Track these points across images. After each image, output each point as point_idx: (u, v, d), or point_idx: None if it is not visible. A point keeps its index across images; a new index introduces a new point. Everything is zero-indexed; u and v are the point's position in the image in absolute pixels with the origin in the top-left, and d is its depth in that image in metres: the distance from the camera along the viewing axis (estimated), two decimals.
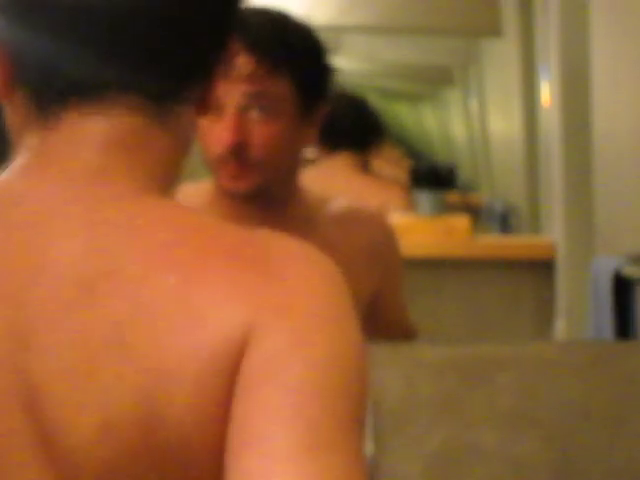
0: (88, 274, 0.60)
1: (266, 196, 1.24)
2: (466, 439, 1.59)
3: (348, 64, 3.62)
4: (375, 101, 3.39)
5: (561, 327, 2.18)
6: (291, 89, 1.21)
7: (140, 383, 0.57)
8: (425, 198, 2.37)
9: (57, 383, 0.58)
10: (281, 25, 1.23)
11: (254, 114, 1.19)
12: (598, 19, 2.00)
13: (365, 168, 2.51)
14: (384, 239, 1.36)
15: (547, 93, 2.48)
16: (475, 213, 2.74)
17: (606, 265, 1.77)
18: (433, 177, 2.44)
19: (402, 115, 4.28)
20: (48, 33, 0.64)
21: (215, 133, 1.19)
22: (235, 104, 1.19)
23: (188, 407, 0.57)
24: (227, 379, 0.57)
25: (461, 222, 2.36)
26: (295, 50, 1.22)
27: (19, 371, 0.59)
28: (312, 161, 2.31)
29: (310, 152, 2.07)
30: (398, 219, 2.31)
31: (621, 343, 1.74)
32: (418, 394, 1.60)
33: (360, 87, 3.46)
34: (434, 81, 4.08)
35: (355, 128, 2.46)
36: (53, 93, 0.65)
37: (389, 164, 3.27)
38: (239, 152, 1.19)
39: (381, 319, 1.36)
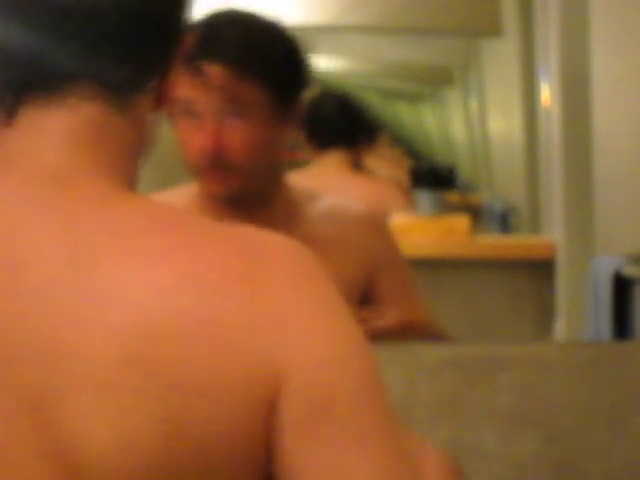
0: (75, 287, 0.57)
1: (249, 197, 1.26)
2: (466, 439, 1.59)
3: (348, 64, 3.62)
4: (375, 101, 3.39)
5: (561, 327, 2.18)
6: (264, 93, 1.23)
7: (166, 398, 0.56)
8: (425, 198, 2.37)
9: (69, 398, 0.56)
10: (250, 32, 1.25)
11: (230, 121, 1.22)
12: (598, 19, 2.00)
13: (357, 166, 2.50)
14: (371, 232, 1.37)
15: (547, 93, 2.48)
16: (475, 213, 2.74)
17: (606, 265, 1.77)
18: (433, 177, 2.44)
19: (402, 115, 4.27)
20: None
21: (195, 141, 1.22)
22: (211, 113, 1.21)
23: (218, 424, 0.56)
24: (264, 404, 0.57)
25: (461, 222, 2.36)
26: (265, 55, 1.24)
27: (25, 387, 0.57)
28: (304, 163, 2.31)
29: (301, 154, 2.08)
30: (398, 219, 2.31)
31: (621, 343, 1.74)
32: (418, 394, 1.60)
33: (360, 87, 3.46)
34: (434, 81, 4.08)
35: (341, 125, 2.45)
36: (8, 87, 0.62)
37: (387, 163, 3.26)
38: (218, 158, 1.21)
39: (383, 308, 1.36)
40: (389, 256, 1.39)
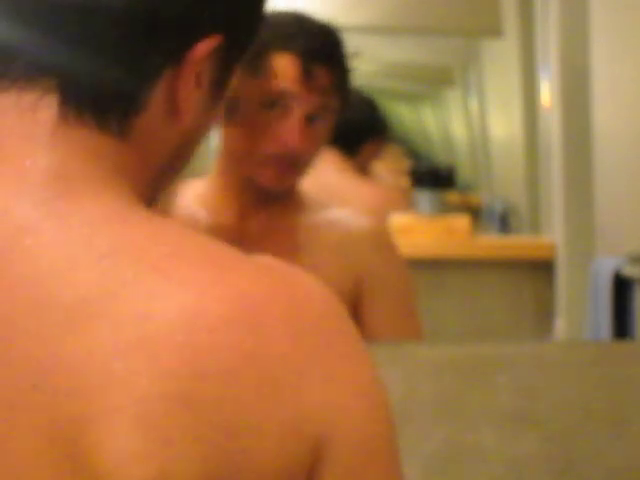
0: (115, 317, 0.53)
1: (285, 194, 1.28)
2: (466, 439, 1.59)
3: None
4: (375, 101, 3.39)
5: (561, 327, 2.18)
6: (340, 96, 1.27)
7: (211, 438, 0.53)
8: (425, 198, 2.37)
9: (105, 430, 0.53)
10: (334, 36, 1.29)
11: (314, 123, 1.24)
12: (598, 19, 2.00)
13: (358, 168, 2.45)
14: (369, 248, 1.36)
15: (547, 93, 2.48)
16: (475, 213, 2.74)
17: (606, 265, 1.77)
18: (433, 177, 2.44)
19: (402, 115, 4.27)
20: None
21: (274, 132, 1.22)
22: (305, 112, 1.23)
23: (262, 467, 0.54)
24: (311, 445, 0.55)
25: (461, 222, 2.36)
26: (345, 63, 1.30)
27: (59, 415, 0.53)
28: None
29: None
30: (398, 219, 2.31)
31: (621, 343, 1.74)
32: (418, 394, 1.60)
33: (360, 87, 3.45)
34: (434, 81, 4.08)
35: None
36: None
37: (388, 165, 3.24)
38: (295, 155, 1.24)
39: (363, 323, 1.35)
40: (383, 274, 1.36)
